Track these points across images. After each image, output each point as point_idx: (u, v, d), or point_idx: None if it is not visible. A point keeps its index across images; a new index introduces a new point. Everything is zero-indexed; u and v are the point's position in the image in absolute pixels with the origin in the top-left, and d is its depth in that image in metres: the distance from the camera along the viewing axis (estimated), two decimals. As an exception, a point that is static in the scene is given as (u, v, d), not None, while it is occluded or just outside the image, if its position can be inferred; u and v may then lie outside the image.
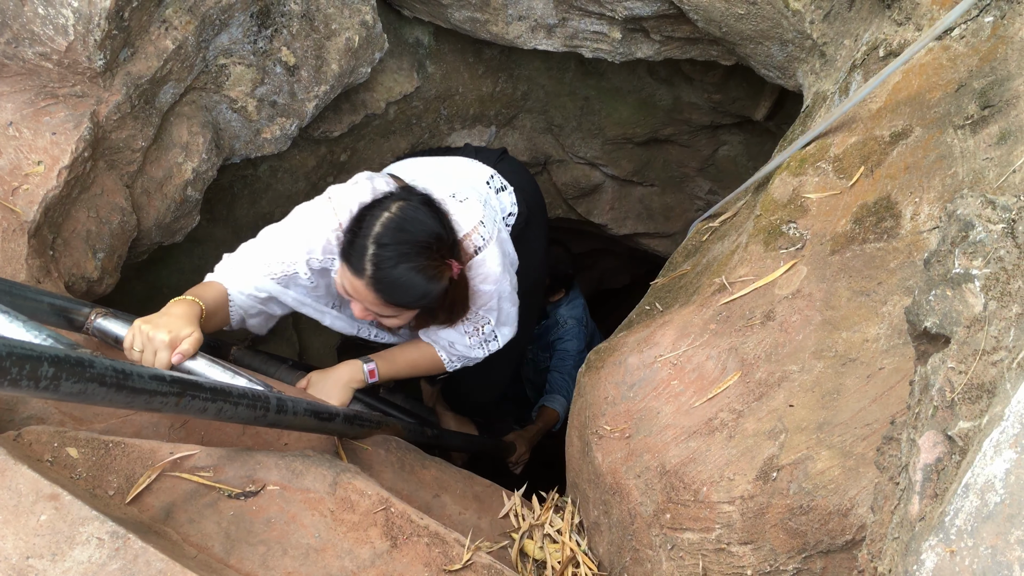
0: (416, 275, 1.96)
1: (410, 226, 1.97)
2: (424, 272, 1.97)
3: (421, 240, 1.97)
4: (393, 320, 2.12)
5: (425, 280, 1.98)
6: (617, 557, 1.79)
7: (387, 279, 1.94)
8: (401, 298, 2.00)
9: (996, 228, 0.95)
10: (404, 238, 1.95)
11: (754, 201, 2.22)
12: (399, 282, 1.95)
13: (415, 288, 1.98)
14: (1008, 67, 1.67)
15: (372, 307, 2.04)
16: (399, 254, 1.94)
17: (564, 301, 4.04)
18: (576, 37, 3.15)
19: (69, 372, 1.09)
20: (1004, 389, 0.83)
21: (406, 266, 1.95)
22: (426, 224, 1.99)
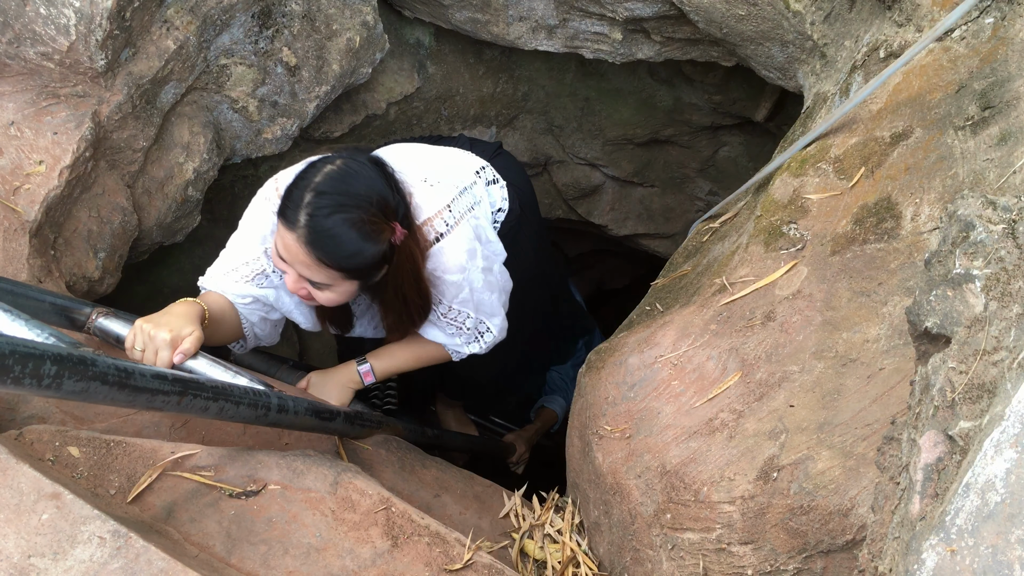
0: (349, 228, 1.82)
1: (353, 179, 1.86)
2: (359, 227, 1.83)
3: (362, 193, 1.84)
4: (328, 294, 1.95)
5: (359, 236, 1.83)
6: (617, 557, 1.79)
7: (319, 228, 1.80)
8: (331, 253, 1.83)
9: (997, 229, 0.96)
10: (344, 189, 1.83)
11: (755, 202, 2.23)
12: (330, 233, 1.81)
13: (347, 243, 1.83)
14: (1008, 68, 1.67)
15: (304, 270, 1.88)
16: (336, 204, 1.81)
17: None
18: (577, 38, 3.15)
19: (71, 370, 1.09)
20: (1005, 389, 0.84)
21: (341, 216, 1.81)
22: (371, 180, 1.88)
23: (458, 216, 2.13)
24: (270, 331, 2.26)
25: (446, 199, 2.12)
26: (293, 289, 1.95)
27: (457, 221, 2.12)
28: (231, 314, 2.09)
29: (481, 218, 2.26)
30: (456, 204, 2.14)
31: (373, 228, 1.85)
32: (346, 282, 1.94)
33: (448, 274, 2.10)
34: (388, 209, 1.89)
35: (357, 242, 1.84)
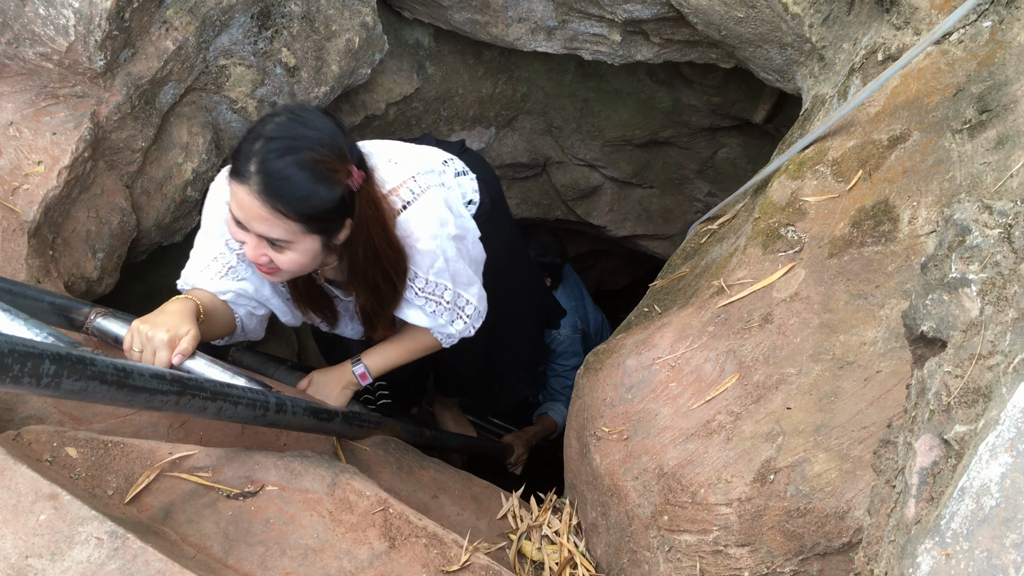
0: (301, 169, 1.72)
1: (302, 124, 1.76)
2: (312, 167, 1.73)
3: (312, 136, 1.75)
4: (289, 254, 1.82)
5: (312, 176, 1.73)
6: (615, 558, 1.79)
7: (270, 172, 1.70)
8: (286, 197, 1.72)
9: (993, 233, 0.96)
10: (293, 133, 1.74)
11: (753, 204, 2.23)
12: (282, 175, 1.70)
13: (300, 184, 1.72)
14: (1006, 72, 1.68)
15: (261, 226, 1.76)
16: (286, 147, 1.72)
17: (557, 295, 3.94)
18: (576, 39, 3.15)
19: (70, 370, 1.09)
20: (1000, 393, 0.84)
21: (292, 158, 1.71)
22: (321, 123, 1.78)
23: (424, 186, 2.04)
24: (256, 326, 2.21)
25: (411, 171, 2.06)
26: (253, 258, 1.83)
27: (423, 190, 2.03)
28: (223, 307, 2.05)
29: (451, 192, 2.19)
30: (421, 176, 2.07)
31: (327, 168, 1.75)
32: (307, 237, 1.80)
33: (419, 242, 2.00)
34: (341, 151, 1.79)
35: (311, 183, 1.73)
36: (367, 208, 1.86)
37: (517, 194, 4.43)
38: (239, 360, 2.46)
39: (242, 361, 2.46)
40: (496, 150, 4.10)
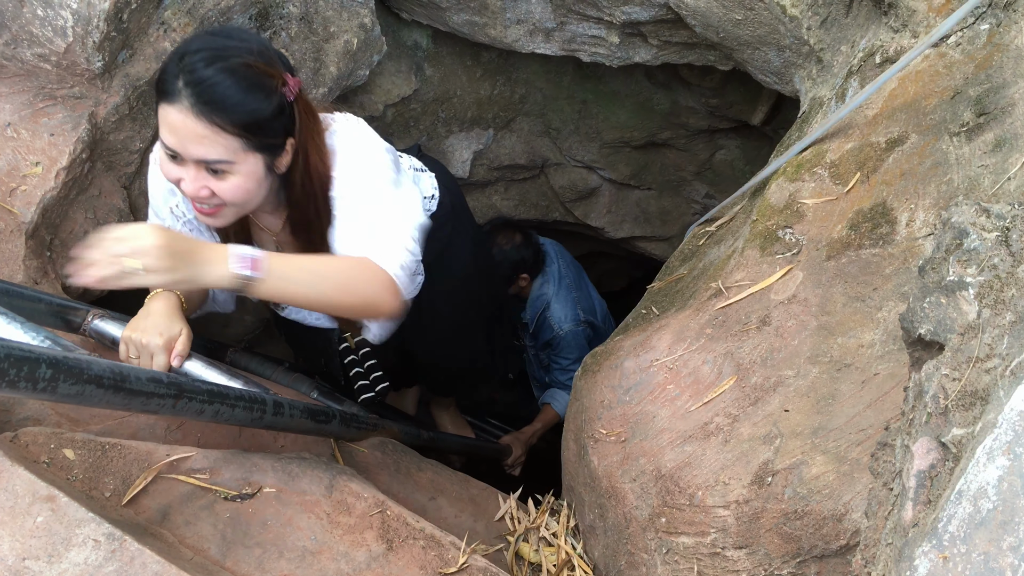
0: (231, 75, 1.58)
1: (225, 34, 1.66)
2: (243, 72, 1.60)
3: (239, 45, 1.62)
4: (232, 179, 1.66)
5: (245, 82, 1.59)
6: (612, 561, 1.79)
7: (200, 81, 1.56)
8: (220, 105, 1.57)
9: (990, 236, 0.96)
10: (217, 43, 1.61)
11: (751, 206, 2.23)
12: (212, 82, 1.57)
13: (234, 90, 1.58)
14: (1004, 75, 1.68)
15: (197, 148, 1.60)
16: (212, 56, 1.58)
17: (549, 290, 3.83)
18: (574, 41, 3.16)
19: (67, 374, 1.09)
20: (997, 396, 0.84)
21: (220, 65, 1.58)
22: (245, 32, 1.67)
23: (364, 130, 1.88)
24: (226, 297, 2.09)
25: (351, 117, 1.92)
26: (192, 192, 1.66)
27: (359, 125, 1.88)
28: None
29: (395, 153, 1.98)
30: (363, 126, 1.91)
31: (259, 72, 1.61)
32: (249, 155, 1.65)
33: (344, 152, 1.81)
34: (271, 58, 1.66)
35: (246, 90, 1.59)
36: (306, 119, 1.72)
37: (515, 196, 4.43)
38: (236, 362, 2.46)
39: (239, 363, 2.46)
40: (494, 152, 4.10)
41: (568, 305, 3.80)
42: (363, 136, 1.84)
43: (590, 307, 3.91)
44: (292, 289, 1.63)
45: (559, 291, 3.83)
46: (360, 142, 1.82)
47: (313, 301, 1.70)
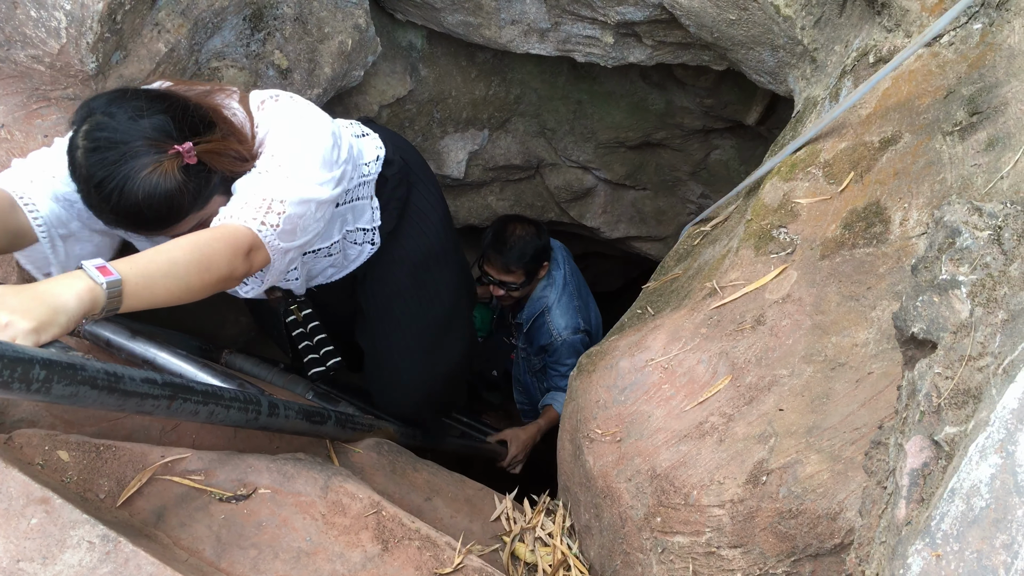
0: (148, 200, 1.60)
1: (111, 136, 1.61)
2: (152, 189, 1.60)
3: (132, 150, 1.60)
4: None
5: (152, 188, 1.60)
6: (608, 560, 1.79)
7: (127, 217, 1.63)
8: (154, 226, 1.67)
9: (983, 235, 0.96)
10: (108, 159, 1.59)
11: (745, 206, 2.23)
12: (136, 212, 1.61)
13: (154, 214, 1.63)
14: (996, 74, 1.68)
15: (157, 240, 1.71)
16: (119, 184, 1.58)
17: (553, 297, 3.72)
18: (569, 41, 3.16)
19: (60, 375, 1.09)
20: (990, 394, 0.84)
21: (131, 189, 1.58)
22: (131, 121, 1.62)
23: (297, 99, 1.91)
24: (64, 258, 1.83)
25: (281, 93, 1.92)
26: None
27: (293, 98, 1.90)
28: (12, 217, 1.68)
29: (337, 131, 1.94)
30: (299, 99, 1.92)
31: (162, 174, 1.61)
32: (193, 219, 1.71)
33: (277, 117, 1.83)
34: (156, 140, 1.62)
35: (156, 195, 1.60)
36: (220, 162, 1.71)
37: (511, 196, 4.43)
38: (231, 363, 2.46)
39: (234, 364, 2.46)
40: (489, 152, 4.10)
41: (570, 313, 3.73)
42: (288, 111, 1.84)
43: (588, 318, 3.84)
44: (155, 284, 1.45)
45: (562, 297, 3.75)
46: (285, 118, 1.82)
47: (176, 289, 1.50)
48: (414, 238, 2.32)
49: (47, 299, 1.26)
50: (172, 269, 1.47)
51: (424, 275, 2.36)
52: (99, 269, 1.34)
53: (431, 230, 2.36)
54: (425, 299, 2.39)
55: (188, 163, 1.65)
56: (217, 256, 1.55)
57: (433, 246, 2.36)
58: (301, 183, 1.74)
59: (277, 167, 1.74)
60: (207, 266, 1.52)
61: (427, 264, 2.36)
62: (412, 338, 2.42)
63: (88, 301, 1.29)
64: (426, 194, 2.36)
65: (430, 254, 2.36)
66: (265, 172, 1.73)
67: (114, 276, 1.34)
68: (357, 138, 2.15)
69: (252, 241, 1.62)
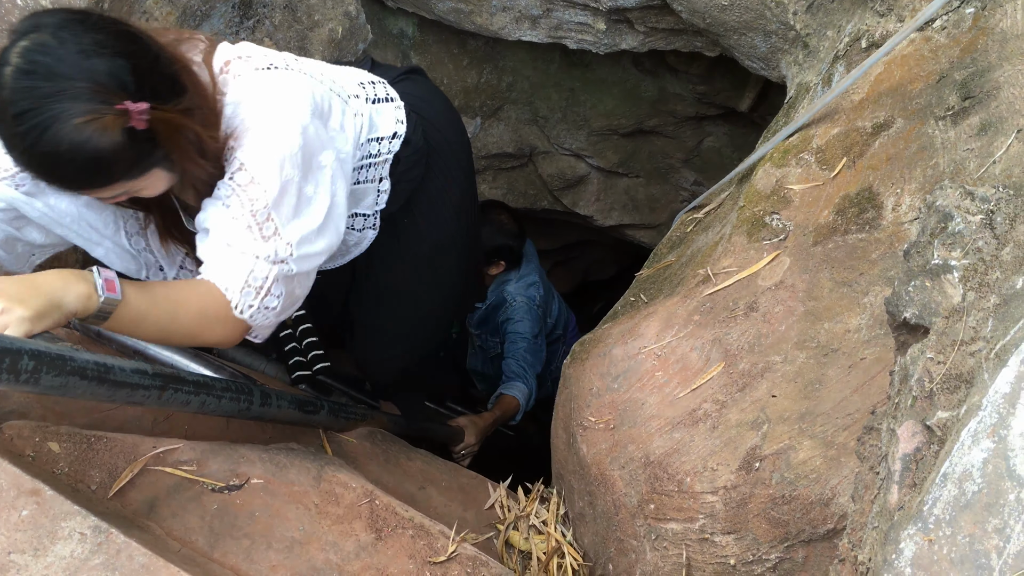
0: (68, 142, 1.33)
1: (50, 73, 1.32)
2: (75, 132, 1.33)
3: (68, 91, 1.32)
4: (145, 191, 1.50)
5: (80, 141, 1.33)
6: (602, 547, 1.80)
7: (42, 168, 1.39)
8: (73, 185, 1.43)
9: (975, 219, 0.96)
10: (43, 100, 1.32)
11: (738, 192, 2.23)
12: (53, 165, 1.37)
13: (72, 170, 1.38)
14: (989, 58, 1.68)
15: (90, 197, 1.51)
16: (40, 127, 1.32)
17: (513, 278, 3.59)
18: (560, 28, 3.14)
19: (50, 365, 1.08)
20: (982, 379, 0.84)
21: (50, 132, 1.32)
22: (76, 63, 1.34)
23: (293, 71, 1.63)
24: (16, 258, 1.73)
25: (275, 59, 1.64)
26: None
27: (283, 66, 1.63)
28: None
29: (345, 108, 1.75)
30: (295, 68, 1.65)
31: (94, 122, 1.34)
32: (117, 186, 1.45)
33: (251, 105, 1.55)
34: (105, 89, 1.36)
35: (83, 149, 1.35)
36: (172, 140, 1.45)
37: (503, 184, 4.42)
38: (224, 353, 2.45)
39: (226, 354, 2.45)
40: (482, 140, 4.08)
41: (527, 289, 3.57)
42: (282, 93, 1.57)
43: (545, 300, 3.68)
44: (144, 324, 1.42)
45: (520, 279, 3.60)
46: (272, 98, 1.56)
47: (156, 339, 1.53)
48: (420, 228, 2.10)
49: (46, 291, 1.27)
50: (166, 324, 1.45)
51: (427, 268, 2.18)
52: (107, 281, 1.34)
53: (440, 220, 2.14)
54: (424, 289, 2.24)
55: (134, 126, 1.39)
56: (211, 332, 1.53)
57: (441, 239, 2.15)
58: (303, 245, 1.57)
59: (267, 221, 1.53)
60: (197, 335, 1.52)
61: (432, 257, 2.17)
62: (402, 323, 2.30)
63: (82, 306, 1.30)
64: (444, 179, 2.11)
65: (438, 246, 2.16)
66: (253, 226, 1.52)
67: (115, 295, 1.34)
68: (371, 104, 1.87)
69: (247, 328, 1.56)
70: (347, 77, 1.88)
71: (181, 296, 1.48)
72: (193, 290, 1.50)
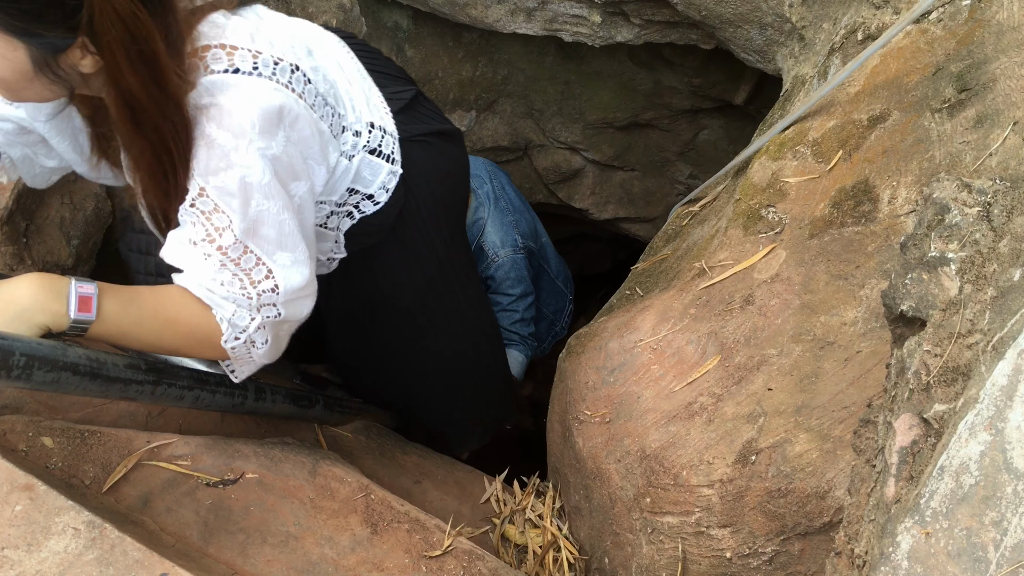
0: None
1: None
2: None
3: None
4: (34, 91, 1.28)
5: None
6: (598, 541, 1.80)
7: None
8: None
9: (972, 211, 0.96)
10: None
11: (734, 185, 2.23)
12: None
13: None
14: (985, 50, 1.67)
15: None
16: None
17: (486, 217, 3.16)
18: (556, 21, 3.13)
19: (41, 361, 1.07)
20: (979, 372, 0.84)
21: None
22: None
23: (280, 77, 1.40)
24: (34, 178, 1.66)
25: (278, 50, 1.41)
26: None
27: (273, 77, 1.38)
28: None
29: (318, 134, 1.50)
30: (292, 74, 1.42)
31: None
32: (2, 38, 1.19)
33: (216, 124, 1.32)
34: None
35: None
36: (111, 27, 1.21)
37: (499, 178, 4.41)
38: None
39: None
40: (477, 134, 4.07)
41: (504, 228, 3.20)
42: (250, 110, 1.33)
43: (530, 231, 3.34)
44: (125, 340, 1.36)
45: (493, 212, 3.22)
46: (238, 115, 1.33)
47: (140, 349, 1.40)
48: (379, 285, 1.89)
49: (15, 310, 1.23)
50: (152, 341, 1.38)
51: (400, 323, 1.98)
52: (81, 299, 1.27)
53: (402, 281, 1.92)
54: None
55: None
56: (199, 354, 1.46)
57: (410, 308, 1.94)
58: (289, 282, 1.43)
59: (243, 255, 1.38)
60: (185, 354, 1.46)
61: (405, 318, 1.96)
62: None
63: (54, 323, 1.26)
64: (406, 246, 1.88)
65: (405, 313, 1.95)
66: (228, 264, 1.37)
67: (88, 315, 1.27)
68: (367, 153, 1.68)
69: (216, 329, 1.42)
70: (369, 99, 1.70)
71: (171, 313, 1.38)
72: (185, 308, 1.39)
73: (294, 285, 1.43)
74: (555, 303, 3.61)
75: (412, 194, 1.79)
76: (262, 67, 1.36)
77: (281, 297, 1.42)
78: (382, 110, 1.74)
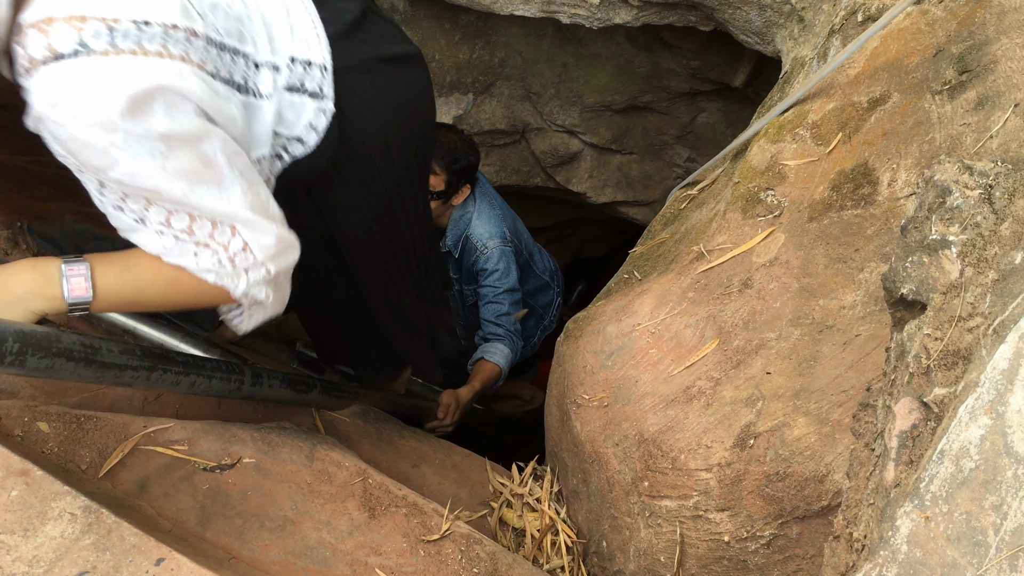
0: None
1: None
2: None
3: None
4: None
5: None
6: (596, 525, 1.80)
7: None
8: None
9: (973, 194, 0.95)
10: None
11: (732, 168, 2.21)
12: None
13: None
14: (986, 32, 1.66)
15: None
16: None
17: (472, 210, 3.23)
18: (553, 2, 3.11)
19: (35, 347, 1.07)
20: (980, 355, 0.83)
21: None
22: None
23: (149, 45, 1.13)
24: None
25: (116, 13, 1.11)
26: None
27: (140, 48, 1.12)
28: None
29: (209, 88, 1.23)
30: (124, 29, 1.12)
31: None
32: None
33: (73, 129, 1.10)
34: None
35: None
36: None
37: (496, 161, 4.39)
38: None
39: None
40: (474, 117, 4.05)
41: (493, 221, 3.23)
42: (95, 92, 1.09)
43: (516, 229, 3.39)
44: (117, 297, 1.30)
45: (481, 207, 3.26)
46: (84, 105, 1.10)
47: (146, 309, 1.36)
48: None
49: (9, 298, 1.22)
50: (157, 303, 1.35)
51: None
52: (73, 283, 1.24)
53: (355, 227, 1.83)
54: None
55: None
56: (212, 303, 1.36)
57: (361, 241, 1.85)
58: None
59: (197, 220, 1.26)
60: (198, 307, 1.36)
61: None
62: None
63: (50, 308, 1.24)
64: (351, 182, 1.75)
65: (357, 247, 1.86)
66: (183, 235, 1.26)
67: (84, 297, 1.24)
68: (292, 91, 1.49)
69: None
70: (295, 27, 1.50)
71: (171, 274, 1.29)
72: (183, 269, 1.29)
73: (264, 247, 1.32)
74: (543, 298, 3.71)
75: (353, 130, 1.63)
76: (120, 39, 1.11)
77: (263, 243, 1.32)
78: (310, 38, 1.54)
